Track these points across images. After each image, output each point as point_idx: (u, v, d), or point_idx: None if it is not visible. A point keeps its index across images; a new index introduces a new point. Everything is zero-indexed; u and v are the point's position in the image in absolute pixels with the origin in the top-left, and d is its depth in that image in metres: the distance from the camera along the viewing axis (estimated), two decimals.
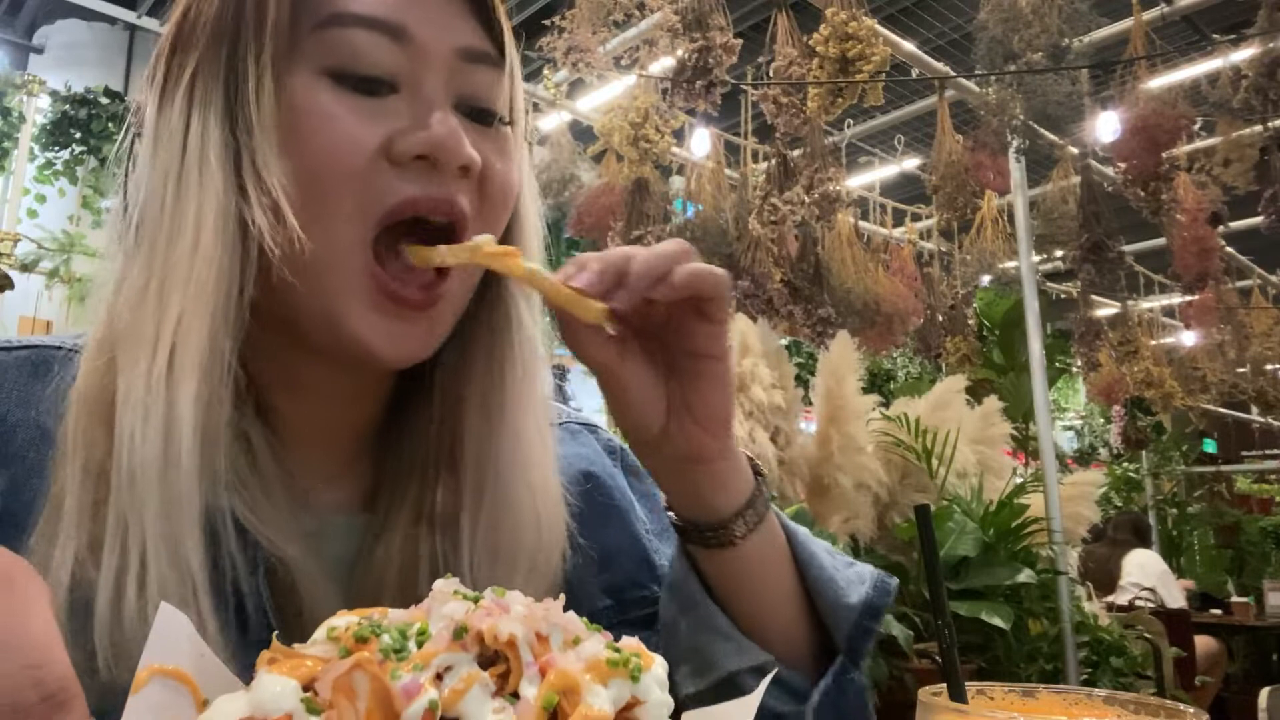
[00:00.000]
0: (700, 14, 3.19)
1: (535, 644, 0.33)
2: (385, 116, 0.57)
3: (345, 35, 0.56)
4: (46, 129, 5.84)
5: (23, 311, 5.78)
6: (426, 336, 0.59)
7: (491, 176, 0.60)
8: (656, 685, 0.34)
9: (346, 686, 0.31)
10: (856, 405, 3.71)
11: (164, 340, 0.53)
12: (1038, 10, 3.07)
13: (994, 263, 5.26)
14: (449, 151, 0.56)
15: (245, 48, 0.56)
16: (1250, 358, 6.66)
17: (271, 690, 0.31)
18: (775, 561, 0.63)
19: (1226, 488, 10.33)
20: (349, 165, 0.55)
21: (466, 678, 0.32)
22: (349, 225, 0.56)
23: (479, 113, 0.60)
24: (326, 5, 0.56)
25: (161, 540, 0.50)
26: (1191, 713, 0.40)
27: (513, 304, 0.65)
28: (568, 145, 4.11)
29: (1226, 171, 4.18)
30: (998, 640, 3.23)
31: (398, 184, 0.56)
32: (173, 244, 0.54)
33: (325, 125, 0.55)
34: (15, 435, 0.57)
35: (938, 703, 0.43)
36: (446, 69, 0.58)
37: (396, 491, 0.62)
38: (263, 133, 0.55)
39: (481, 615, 0.34)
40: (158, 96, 0.59)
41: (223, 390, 0.53)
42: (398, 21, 0.57)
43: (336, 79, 0.56)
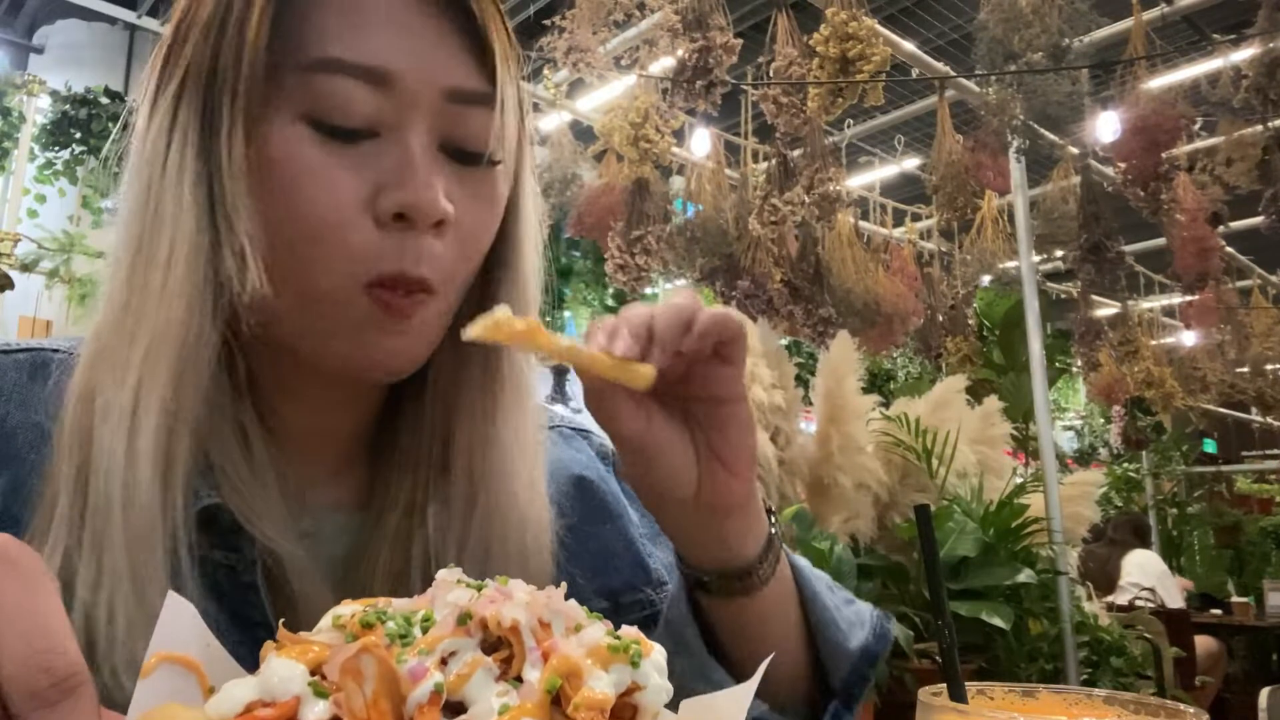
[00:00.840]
0: (700, 14, 3.19)
1: (538, 630, 0.34)
2: (365, 167, 0.56)
3: (328, 83, 0.55)
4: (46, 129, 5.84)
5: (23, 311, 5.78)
6: (414, 350, 0.59)
7: (463, 220, 0.59)
8: (655, 671, 0.34)
9: (354, 669, 0.31)
10: (856, 405, 3.71)
11: (132, 371, 0.53)
12: (1038, 10, 3.07)
13: (994, 263, 5.26)
14: (423, 212, 0.55)
15: (222, 85, 0.55)
16: (1250, 358, 6.66)
17: (280, 673, 0.32)
18: (786, 602, 0.63)
19: (1226, 488, 10.33)
20: (333, 222, 0.55)
21: (471, 662, 0.32)
22: (334, 276, 0.56)
23: (465, 155, 0.59)
24: (310, 48, 0.55)
25: (125, 569, 0.51)
26: (1191, 713, 0.40)
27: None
28: (569, 145, 4.11)
29: (1229, 171, 4.18)
30: (998, 640, 3.23)
31: (377, 250, 0.55)
32: (148, 270, 0.55)
33: (305, 178, 0.55)
34: (16, 436, 0.57)
35: (938, 703, 0.43)
36: (432, 112, 0.57)
37: (390, 492, 0.63)
38: (233, 180, 0.54)
39: (485, 602, 0.34)
40: (148, 107, 0.58)
41: (185, 432, 0.54)
42: (383, 68, 0.55)
43: (316, 127, 0.55)
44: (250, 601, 0.56)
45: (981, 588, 3.29)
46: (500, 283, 0.65)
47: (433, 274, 0.57)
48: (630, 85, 3.70)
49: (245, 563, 0.57)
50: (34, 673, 0.31)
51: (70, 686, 0.31)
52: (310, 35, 0.55)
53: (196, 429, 0.55)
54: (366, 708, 0.31)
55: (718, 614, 0.61)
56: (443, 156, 0.58)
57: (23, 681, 0.31)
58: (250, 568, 0.57)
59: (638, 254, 3.69)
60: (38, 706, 0.31)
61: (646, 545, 0.74)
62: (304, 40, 0.55)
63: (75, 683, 0.32)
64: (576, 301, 7.18)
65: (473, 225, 0.60)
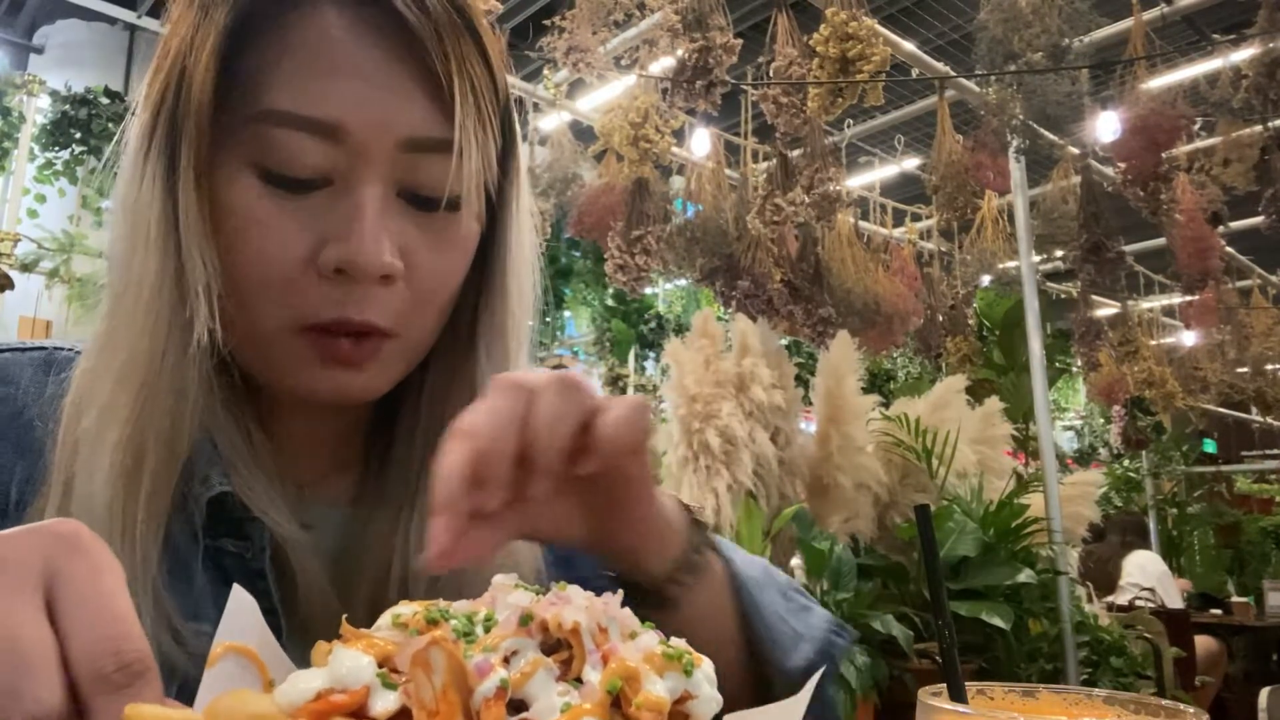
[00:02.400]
0: (700, 14, 3.19)
1: (596, 634, 0.35)
2: (314, 218, 0.56)
3: (276, 134, 0.54)
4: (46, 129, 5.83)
5: (23, 311, 5.79)
6: (372, 385, 0.60)
7: (420, 269, 0.58)
8: (706, 681, 0.35)
9: (424, 661, 0.32)
10: (856, 405, 3.71)
11: (99, 401, 0.55)
12: (1038, 10, 3.07)
13: (994, 263, 5.26)
14: (364, 269, 0.55)
15: (180, 129, 0.55)
16: (1250, 358, 6.66)
17: (348, 664, 0.32)
18: (713, 617, 0.60)
19: (1226, 488, 10.33)
20: (278, 274, 0.55)
21: (533, 661, 0.33)
22: (275, 321, 0.57)
23: (425, 201, 0.58)
24: (260, 98, 0.54)
25: None
26: (1191, 713, 0.40)
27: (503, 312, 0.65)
28: (569, 145, 4.11)
29: (1226, 172, 4.18)
30: (998, 640, 3.23)
31: (322, 298, 0.56)
32: (121, 299, 0.57)
33: (252, 229, 0.55)
34: (34, 428, 0.59)
35: (938, 703, 0.43)
36: (386, 162, 0.56)
37: (382, 492, 0.64)
38: (188, 227, 0.55)
39: (546, 605, 0.35)
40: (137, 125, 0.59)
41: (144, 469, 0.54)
42: (334, 120, 0.54)
43: (266, 178, 0.55)
44: (259, 589, 0.58)
45: (981, 588, 3.29)
46: (480, 326, 0.64)
47: (381, 319, 0.57)
48: (630, 85, 3.70)
49: (255, 550, 0.58)
50: (102, 657, 0.32)
51: (137, 671, 0.32)
52: (260, 84, 0.54)
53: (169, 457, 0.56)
54: (435, 699, 0.31)
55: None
56: (400, 203, 0.57)
57: (90, 665, 0.32)
58: (259, 555, 0.58)
59: (638, 254, 3.69)
60: (104, 690, 0.32)
61: None
62: (254, 89, 0.54)
63: (141, 668, 0.33)
64: (576, 301, 7.18)
65: (431, 271, 0.59)
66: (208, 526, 0.58)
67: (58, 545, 0.34)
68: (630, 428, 0.49)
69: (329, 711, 0.31)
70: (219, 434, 0.59)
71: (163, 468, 0.55)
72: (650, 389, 7.31)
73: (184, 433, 0.56)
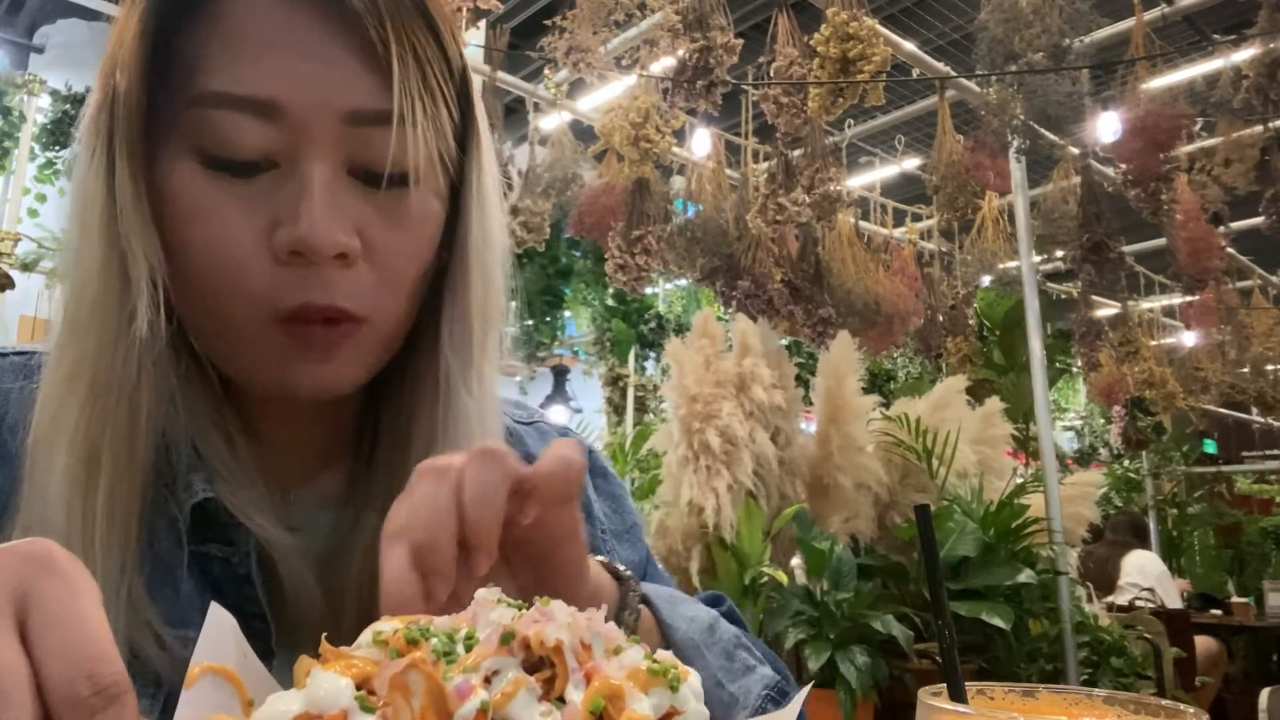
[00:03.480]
0: (701, 14, 3.19)
1: (579, 651, 0.34)
2: (261, 202, 0.54)
3: (214, 117, 0.53)
4: (47, 128, 5.83)
5: (23, 311, 5.78)
6: (348, 374, 0.58)
7: (379, 247, 0.56)
8: (693, 696, 0.34)
9: (402, 685, 0.32)
10: (857, 405, 3.71)
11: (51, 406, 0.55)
12: (1038, 10, 3.07)
13: (994, 263, 5.25)
14: (317, 248, 0.53)
15: (114, 119, 0.54)
16: (1251, 358, 6.65)
17: (326, 687, 0.32)
18: None
19: (1227, 488, 10.32)
20: (234, 262, 0.54)
21: (514, 681, 0.33)
22: (241, 310, 0.55)
23: (375, 176, 0.56)
24: (194, 83, 0.53)
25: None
26: (1191, 713, 0.40)
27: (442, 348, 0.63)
28: (569, 145, 4.10)
29: (1227, 172, 4.18)
30: (998, 640, 3.23)
31: (279, 285, 0.54)
32: (70, 299, 0.56)
33: (200, 218, 0.54)
34: (15, 434, 0.58)
35: (938, 703, 0.43)
36: (330, 138, 0.54)
37: (368, 491, 0.63)
38: (125, 216, 0.53)
39: (528, 622, 0.35)
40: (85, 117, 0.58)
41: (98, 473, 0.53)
42: (268, 97, 0.52)
43: (207, 163, 0.53)
44: (246, 594, 0.58)
45: (981, 588, 3.29)
46: (442, 311, 0.63)
47: (349, 302, 0.55)
48: (630, 85, 3.70)
49: (240, 555, 0.58)
50: (77, 680, 0.31)
51: (113, 695, 0.32)
52: (194, 68, 0.53)
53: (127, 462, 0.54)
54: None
55: None
56: (352, 181, 0.56)
57: (65, 689, 0.31)
58: (246, 560, 0.58)
59: (638, 254, 3.69)
60: (80, 714, 0.31)
61: (609, 541, 0.74)
62: (188, 74, 0.53)
63: (117, 690, 0.32)
64: (576, 301, 7.17)
65: (390, 251, 0.57)
66: (193, 533, 0.57)
67: (28, 566, 0.34)
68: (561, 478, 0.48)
69: None
70: (200, 438, 0.58)
71: (122, 472, 0.54)
72: (650, 389, 7.31)
73: (140, 433, 0.55)
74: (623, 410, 7.32)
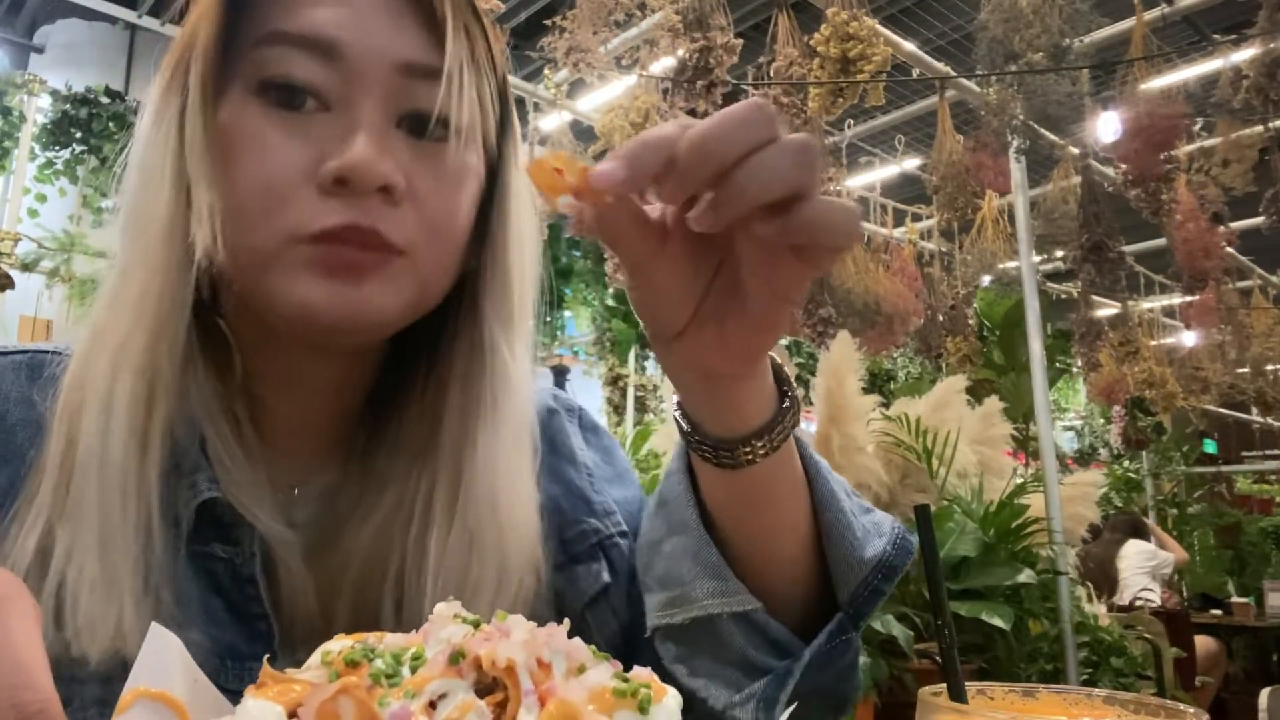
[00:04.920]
0: (701, 14, 3.19)
1: (536, 671, 0.32)
2: (314, 137, 0.56)
3: (275, 53, 0.56)
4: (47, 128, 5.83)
5: (23, 311, 5.78)
6: (369, 303, 0.57)
7: (423, 199, 0.58)
8: (666, 717, 0.32)
9: (331, 713, 0.30)
10: (857, 405, 3.70)
11: (110, 346, 0.55)
12: (1038, 10, 3.07)
13: (994, 263, 5.25)
14: (362, 175, 0.54)
15: (190, 67, 0.58)
16: (1251, 358, 6.65)
17: (255, 716, 0.30)
18: (787, 495, 0.57)
19: (1227, 488, 10.32)
20: (278, 191, 0.56)
21: (461, 705, 0.30)
22: (280, 242, 0.56)
23: (422, 126, 0.58)
24: (260, 25, 0.57)
25: (96, 542, 0.52)
26: (1191, 713, 0.40)
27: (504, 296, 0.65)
28: (569, 145, 4.10)
29: (1226, 172, 4.18)
30: (998, 640, 3.23)
31: (324, 209, 0.55)
32: (132, 251, 0.57)
33: (252, 146, 0.56)
34: (15, 434, 0.59)
35: (938, 703, 0.43)
36: (384, 86, 0.57)
37: (376, 480, 0.63)
38: (193, 152, 0.56)
39: (480, 640, 0.32)
40: (148, 113, 0.61)
41: (161, 396, 0.55)
42: (329, 38, 0.56)
43: (267, 98, 0.56)
44: (249, 594, 0.58)
45: (981, 588, 3.29)
46: (483, 281, 0.64)
47: (390, 231, 0.56)
48: (631, 85, 3.70)
49: (244, 555, 0.58)
50: (1, 708, 0.31)
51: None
52: (264, 15, 0.57)
53: (175, 396, 0.56)
54: None
55: (707, 487, 0.58)
56: (399, 133, 0.58)
57: None
58: (249, 560, 0.58)
59: None
60: None
61: (598, 483, 0.73)
62: (259, 20, 0.57)
63: (44, 718, 0.31)
64: (576, 301, 7.18)
65: (434, 201, 0.59)
66: (195, 533, 0.57)
67: None
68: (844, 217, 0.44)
69: None
70: (209, 426, 0.58)
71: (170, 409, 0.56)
72: (650, 389, 7.31)
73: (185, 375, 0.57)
74: (623, 410, 7.32)
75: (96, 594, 0.51)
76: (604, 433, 0.80)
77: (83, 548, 0.52)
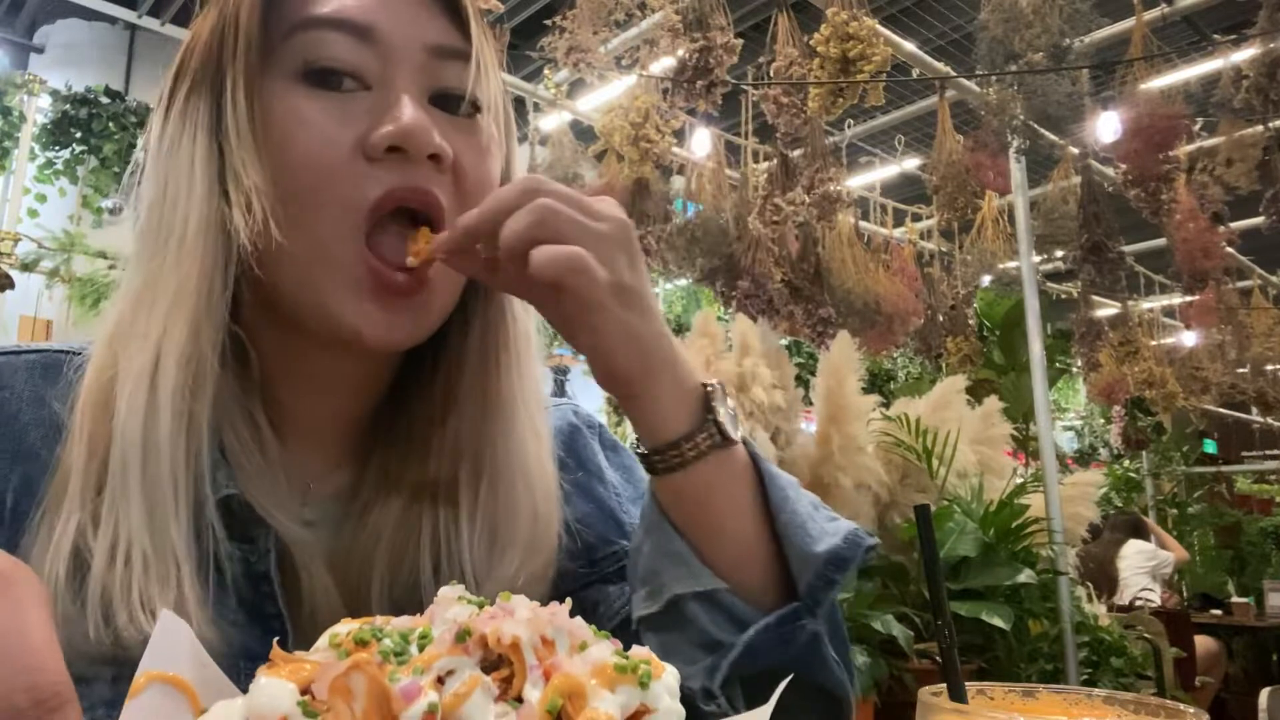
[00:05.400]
0: (701, 14, 3.19)
1: (540, 648, 0.33)
2: (357, 114, 0.58)
3: (313, 37, 0.58)
4: (47, 128, 5.84)
5: (23, 311, 5.78)
6: (415, 323, 0.61)
7: (465, 170, 0.61)
8: (667, 693, 0.33)
9: (343, 688, 0.30)
10: (857, 405, 3.71)
11: (152, 336, 0.55)
12: (1039, 10, 3.07)
13: (994, 263, 5.26)
14: (417, 140, 0.57)
15: (226, 62, 0.59)
16: (1251, 358, 6.65)
17: (268, 694, 0.30)
18: (731, 495, 0.60)
19: (1227, 488, 10.32)
20: (327, 165, 0.57)
21: (469, 681, 0.31)
22: (334, 222, 0.58)
23: (453, 103, 0.62)
24: (296, 12, 0.59)
25: (145, 524, 0.52)
26: (1191, 713, 0.40)
27: (506, 300, 0.67)
28: (569, 145, 4.10)
29: (1229, 172, 4.18)
30: (998, 640, 3.23)
31: (376, 178, 0.58)
32: (164, 248, 0.58)
33: (300, 128, 0.58)
34: (28, 433, 0.59)
35: (938, 703, 0.43)
36: (415, 66, 0.60)
37: (393, 478, 0.64)
38: (239, 138, 0.58)
39: (485, 619, 0.33)
40: (160, 118, 0.62)
41: (205, 383, 0.56)
42: (365, 21, 0.59)
43: (308, 81, 0.58)
44: (264, 592, 0.58)
45: (981, 588, 3.29)
46: None
47: (441, 193, 0.59)
48: (631, 85, 3.70)
49: (259, 554, 0.58)
50: (16, 693, 0.31)
51: (53, 706, 0.31)
52: (293, 5, 0.59)
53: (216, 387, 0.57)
54: None
55: (657, 490, 0.61)
56: (432, 108, 0.60)
57: (4, 701, 0.31)
58: (264, 558, 0.58)
59: None
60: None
61: (624, 504, 0.75)
62: (294, 10, 0.59)
63: (57, 702, 0.32)
64: None
65: (472, 171, 0.62)
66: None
67: None
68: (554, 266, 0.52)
69: None
70: (226, 426, 0.59)
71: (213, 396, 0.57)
72: None
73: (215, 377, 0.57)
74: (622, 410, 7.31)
75: (151, 575, 0.51)
76: (624, 450, 0.81)
77: (130, 535, 0.52)
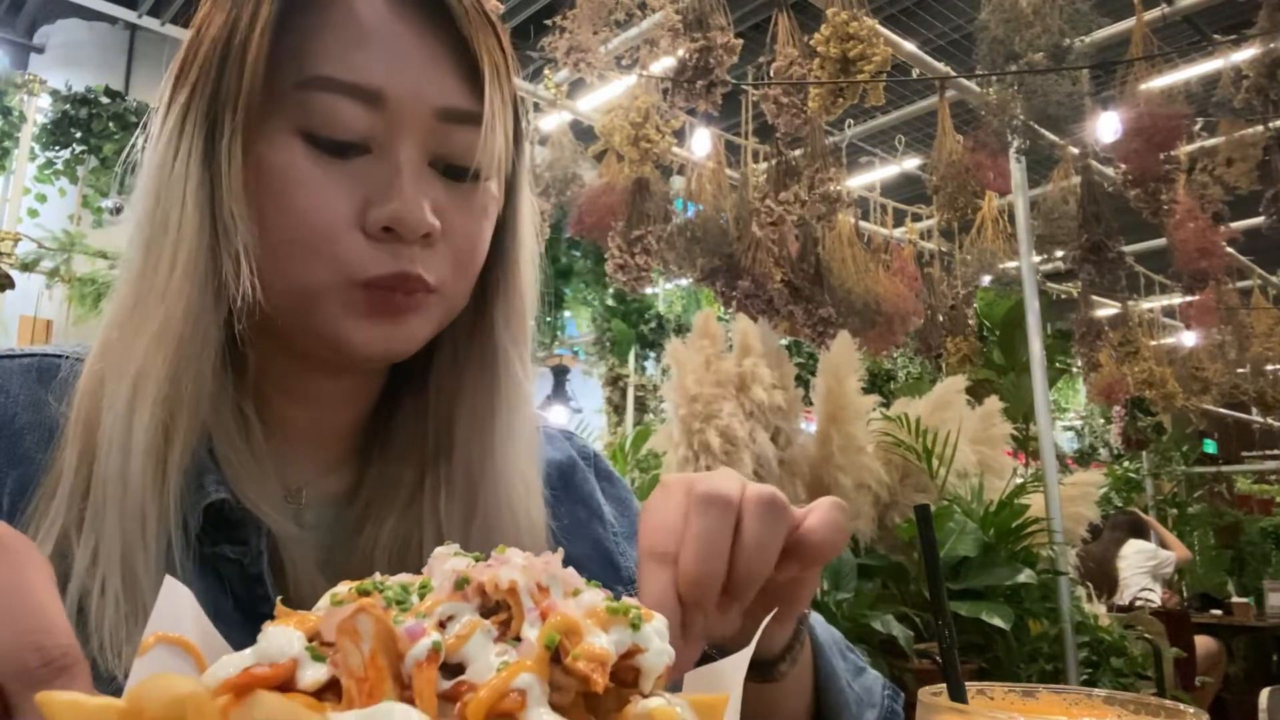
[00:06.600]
0: (701, 14, 3.19)
1: (535, 593, 0.34)
2: (356, 181, 0.58)
3: (322, 100, 0.57)
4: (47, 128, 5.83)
5: (23, 311, 5.78)
6: (410, 338, 0.61)
7: (454, 232, 0.60)
8: (656, 635, 0.34)
9: (350, 629, 0.31)
10: (857, 405, 3.70)
11: (133, 364, 0.55)
12: (1039, 10, 3.07)
13: (994, 263, 5.25)
14: (410, 227, 0.57)
15: (225, 98, 0.57)
16: (1251, 358, 6.65)
17: (276, 640, 0.31)
18: (800, 690, 0.61)
19: (1227, 488, 10.32)
20: (324, 231, 0.57)
21: (469, 624, 0.32)
22: (326, 279, 0.58)
23: (455, 170, 0.61)
24: (306, 66, 0.57)
25: (118, 550, 0.52)
26: (1191, 713, 0.40)
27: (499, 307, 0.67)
28: (569, 145, 4.10)
29: (1229, 171, 4.18)
30: (998, 640, 3.23)
31: (372, 257, 0.57)
32: (153, 273, 0.57)
33: (298, 190, 0.57)
34: (23, 437, 0.58)
35: (938, 703, 0.43)
36: (422, 130, 0.59)
37: (387, 486, 0.64)
38: (230, 189, 0.56)
39: (482, 568, 0.35)
40: (160, 117, 0.61)
41: (181, 416, 0.55)
42: (375, 87, 0.57)
43: (310, 141, 0.57)
44: (257, 593, 0.58)
45: (981, 588, 3.29)
46: (496, 297, 0.67)
47: (429, 273, 0.59)
48: (631, 85, 3.70)
49: (252, 554, 0.58)
50: (25, 652, 0.31)
51: (62, 666, 0.32)
52: (308, 55, 0.57)
53: (195, 422, 0.56)
54: (364, 666, 0.31)
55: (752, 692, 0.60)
56: (432, 172, 0.60)
57: (13, 661, 0.31)
58: (257, 559, 0.58)
59: (638, 254, 3.69)
60: (29, 685, 0.31)
61: (620, 544, 0.75)
62: (302, 59, 0.57)
63: (67, 661, 0.32)
64: (576, 301, 7.18)
65: (463, 237, 0.61)
66: (203, 535, 0.57)
67: None
68: (832, 546, 0.50)
69: (251, 684, 0.30)
70: (216, 425, 0.59)
71: (190, 435, 0.56)
72: (650, 389, 7.30)
73: (205, 400, 0.57)
74: (623, 410, 7.32)
75: (121, 613, 0.51)
76: (619, 481, 0.82)
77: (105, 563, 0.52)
